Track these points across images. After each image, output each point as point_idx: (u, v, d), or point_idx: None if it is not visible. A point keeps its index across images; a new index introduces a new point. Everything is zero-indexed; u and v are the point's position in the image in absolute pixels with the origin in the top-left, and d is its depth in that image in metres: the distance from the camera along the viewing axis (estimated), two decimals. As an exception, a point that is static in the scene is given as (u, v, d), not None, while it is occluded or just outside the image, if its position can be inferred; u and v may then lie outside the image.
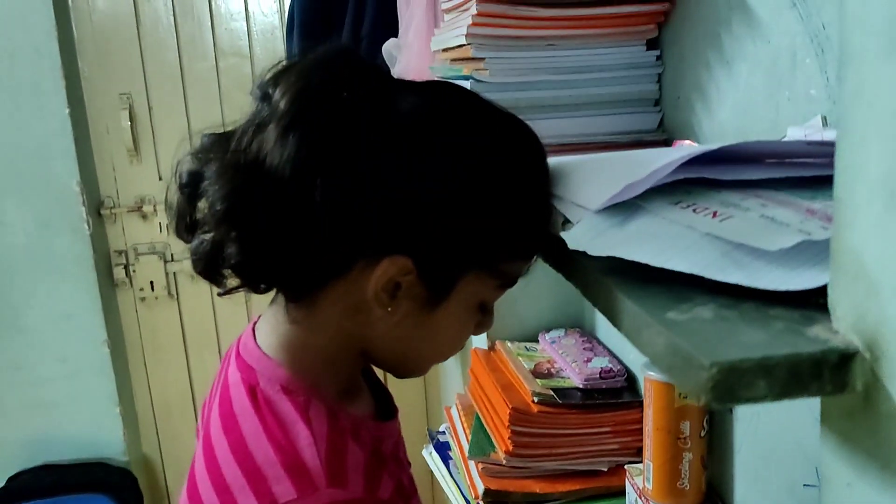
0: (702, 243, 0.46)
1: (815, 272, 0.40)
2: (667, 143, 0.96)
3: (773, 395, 0.34)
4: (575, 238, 0.50)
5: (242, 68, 2.16)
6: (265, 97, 0.56)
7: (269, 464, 0.53)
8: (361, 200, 0.53)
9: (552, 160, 0.63)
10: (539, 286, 1.38)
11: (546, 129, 0.66)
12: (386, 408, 0.69)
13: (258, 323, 0.65)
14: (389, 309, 0.57)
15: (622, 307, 0.44)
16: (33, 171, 2.03)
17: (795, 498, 0.75)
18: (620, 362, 1.20)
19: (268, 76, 0.57)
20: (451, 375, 1.95)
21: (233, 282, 0.59)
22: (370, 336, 0.60)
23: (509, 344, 1.32)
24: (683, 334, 0.37)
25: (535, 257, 0.62)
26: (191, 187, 0.56)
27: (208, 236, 0.55)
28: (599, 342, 1.30)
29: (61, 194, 2.05)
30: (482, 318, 0.64)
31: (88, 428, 2.17)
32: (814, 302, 0.39)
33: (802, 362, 0.34)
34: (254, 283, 0.58)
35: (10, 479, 2.05)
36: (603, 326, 1.34)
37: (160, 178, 2.19)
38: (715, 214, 0.50)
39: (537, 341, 1.35)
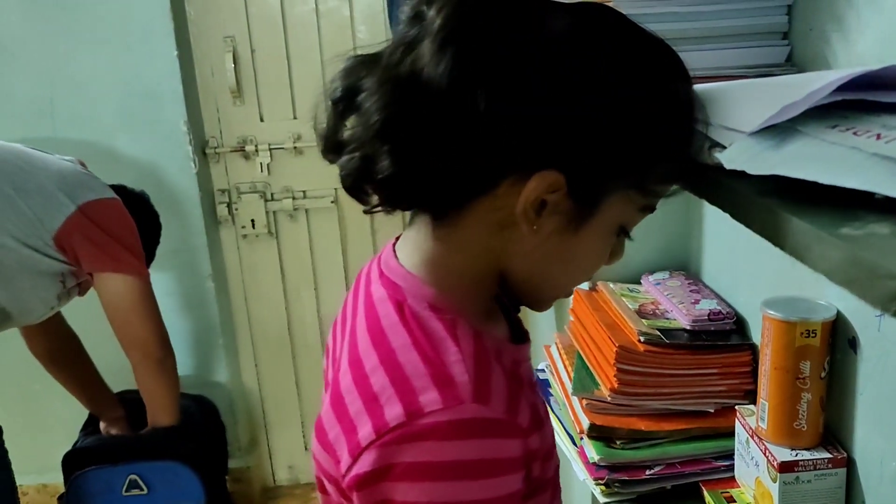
0: (869, 163, 0.45)
1: None
2: (796, 77, 0.92)
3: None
4: (732, 159, 0.50)
5: (342, 10, 2.17)
6: (417, 17, 0.56)
7: (418, 375, 0.55)
8: (517, 114, 0.53)
9: (696, 86, 0.62)
10: (642, 228, 1.36)
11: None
12: (517, 332, 0.70)
13: (398, 243, 0.66)
14: (535, 227, 0.57)
15: (787, 225, 0.43)
16: (144, 112, 2.12)
17: (927, 440, 0.74)
18: (729, 305, 1.18)
19: None
20: (542, 317, 1.96)
21: (375, 200, 0.59)
22: (512, 254, 0.60)
23: (612, 285, 1.32)
24: (863, 247, 0.37)
25: (678, 181, 0.61)
26: (345, 102, 0.57)
27: (359, 151, 0.56)
28: (706, 285, 1.28)
29: (170, 134, 2.13)
30: (616, 244, 0.64)
31: (194, 358, 2.29)
32: None
33: None
34: (396, 200, 0.59)
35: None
36: (709, 269, 1.32)
37: (262, 120, 2.24)
38: (879, 136, 0.48)
39: (640, 283, 1.34)
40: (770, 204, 0.46)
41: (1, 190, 1.55)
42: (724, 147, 0.53)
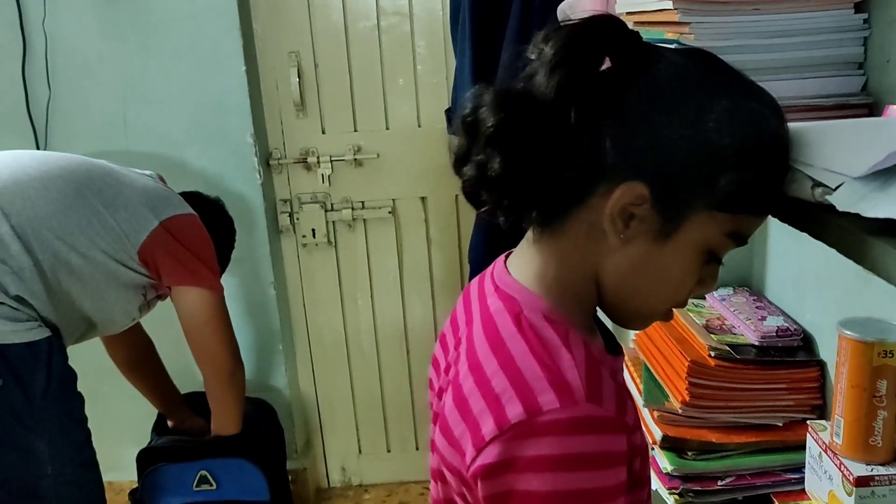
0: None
1: None
2: (872, 107, 0.96)
3: None
4: (843, 200, 0.54)
5: (402, 27, 2.24)
6: (539, 54, 0.64)
7: (536, 379, 0.61)
8: (607, 128, 0.61)
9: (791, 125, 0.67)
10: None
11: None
12: (611, 345, 0.75)
13: (510, 259, 0.73)
14: (622, 235, 0.64)
15: (902, 264, 0.48)
16: (212, 124, 2.20)
17: None
18: (794, 321, 1.22)
19: (541, 36, 0.65)
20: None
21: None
22: (604, 261, 0.66)
23: (677, 300, 1.36)
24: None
25: (766, 216, 0.66)
26: (472, 116, 0.65)
27: (476, 157, 0.64)
28: (769, 301, 1.32)
29: (236, 146, 2.21)
30: (706, 271, 0.68)
31: (255, 363, 2.37)
32: None
33: None
34: (504, 202, 0.66)
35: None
36: (773, 286, 1.35)
37: (323, 132, 2.32)
38: (979, 181, 0.53)
39: (704, 298, 1.38)
40: (880, 243, 0.50)
41: (92, 206, 1.63)
42: (828, 186, 0.58)
